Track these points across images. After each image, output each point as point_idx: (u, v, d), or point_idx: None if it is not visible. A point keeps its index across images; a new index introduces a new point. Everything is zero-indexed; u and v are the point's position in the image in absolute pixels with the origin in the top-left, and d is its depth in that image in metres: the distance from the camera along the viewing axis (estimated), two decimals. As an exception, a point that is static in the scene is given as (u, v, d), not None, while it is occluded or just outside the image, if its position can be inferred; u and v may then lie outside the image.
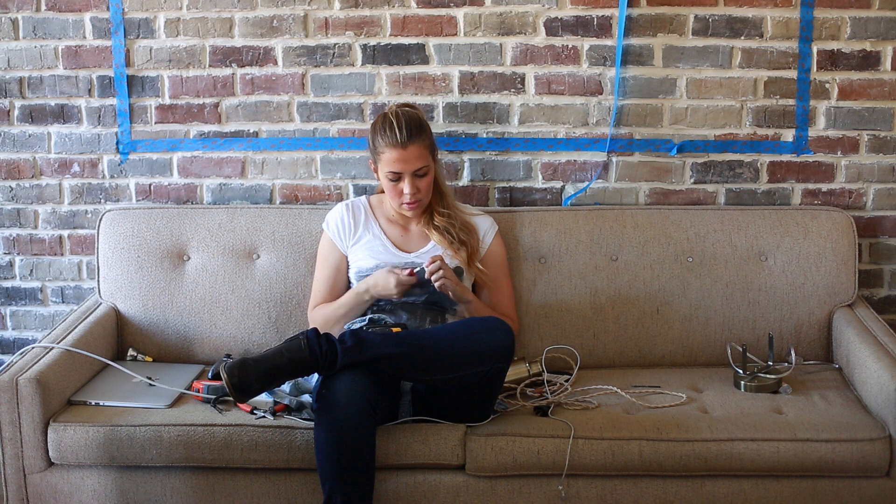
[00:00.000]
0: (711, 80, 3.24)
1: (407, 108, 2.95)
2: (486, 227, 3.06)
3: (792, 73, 3.23)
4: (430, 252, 2.96)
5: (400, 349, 2.58)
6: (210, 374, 2.86)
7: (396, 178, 2.89)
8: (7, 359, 3.26)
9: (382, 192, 3.06)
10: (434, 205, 3.01)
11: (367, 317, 2.90)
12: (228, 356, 3.04)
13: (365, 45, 3.26)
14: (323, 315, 2.97)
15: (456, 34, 3.24)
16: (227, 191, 3.36)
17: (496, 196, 3.33)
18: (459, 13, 3.23)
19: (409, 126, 2.87)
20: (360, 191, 3.33)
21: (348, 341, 2.55)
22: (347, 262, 3.03)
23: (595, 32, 3.22)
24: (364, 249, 2.99)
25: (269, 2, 3.24)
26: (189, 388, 2.89)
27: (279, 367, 2.52)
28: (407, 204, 2.92)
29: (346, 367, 2.53)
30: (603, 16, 3.21)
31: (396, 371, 2.61)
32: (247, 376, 2.49)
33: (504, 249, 3.08)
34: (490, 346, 2.60)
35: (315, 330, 2.58)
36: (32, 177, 3.39)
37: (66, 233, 3.42)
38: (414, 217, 3.00)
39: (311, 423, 2.62)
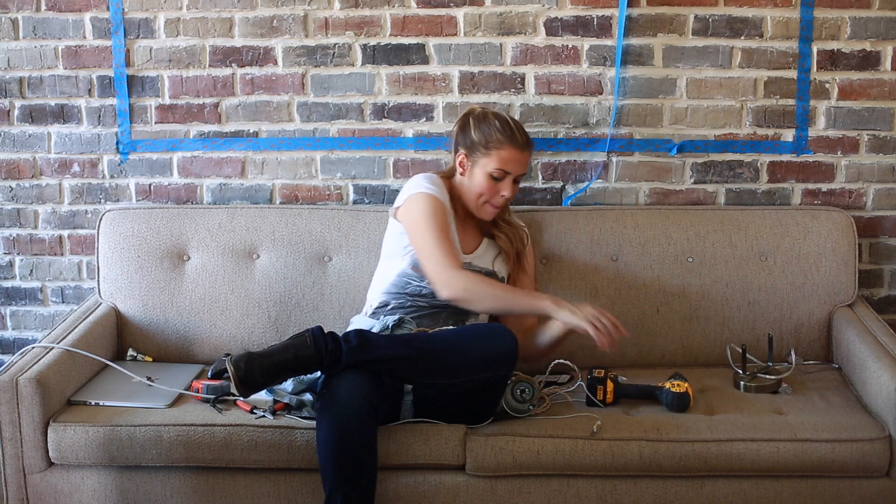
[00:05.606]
0: (711, 80, 3.24)
1: None
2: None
3: (792, 73, 3.23)
4: (481, 257, 2.95)
5: (403, 351, 2.58)
6: (210, 374, 2.86)
7: (502, 176, 2.87)
8: (7, 359, 3.25)
9: (446, 178, 2.95)
10: (503, 211, 3.00)
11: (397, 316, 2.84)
12: (228, 356, 3.03)
13: (365, 45, 3.26)
14: (489, 288, 2.79)
15: (456, 34, 3.24)
16: (227, 191, 3.36)
17: (496, 196, 3.33)
18: (459, 13, 3.23)
19: (525, 132, 2.90)
20: (360, 191, 3.33)
21: (353, 341, 2.55)
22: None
23: (595, 32, 3.22)
24: None
25: (269, 2, 3.24)
26: (189, 388, 2.89)
27: (284, 363, 2.52)
28: (494, 205, 2.90)
29: (349, 367, 2.53)
30: (603, 16, 3.21)
31: (398, 373, 2.60)
32: (252, 370, 2.49)
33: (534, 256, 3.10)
34: (493, 352, 2.60)
35: (320, 328, 2.58)
36: (32, 177, 3.39)
37: (66, 233, 3.42)
38: (488, 218, 2.96)
39: (312, 423, 2.62)
